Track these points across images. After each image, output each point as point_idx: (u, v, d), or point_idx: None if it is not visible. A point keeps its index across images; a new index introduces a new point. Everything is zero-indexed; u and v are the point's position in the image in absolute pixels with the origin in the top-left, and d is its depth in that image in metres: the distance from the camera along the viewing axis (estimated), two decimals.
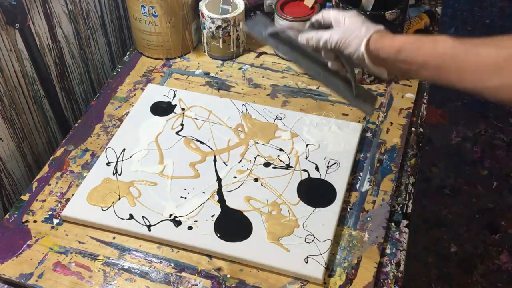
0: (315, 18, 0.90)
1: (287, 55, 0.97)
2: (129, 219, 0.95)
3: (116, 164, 1.04)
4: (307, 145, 1.06)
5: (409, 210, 0.98)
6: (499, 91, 0.70)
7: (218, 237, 0.92)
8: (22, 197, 1.01)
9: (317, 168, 1.02)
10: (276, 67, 1.26)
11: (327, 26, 0.88)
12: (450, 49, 0.74)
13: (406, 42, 0.80)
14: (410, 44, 0.79)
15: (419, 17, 1.33)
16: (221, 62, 1.29)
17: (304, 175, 1.01)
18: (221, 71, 1.26)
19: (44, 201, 1.00)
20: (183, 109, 1.15)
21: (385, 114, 1.14)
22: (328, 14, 0.88)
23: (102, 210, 0.96)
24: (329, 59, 0.90)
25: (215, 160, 1.05)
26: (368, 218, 0.96)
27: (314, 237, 0.91)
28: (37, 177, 1.04)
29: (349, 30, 0.84)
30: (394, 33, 0.84)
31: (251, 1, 1.34)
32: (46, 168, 1.06)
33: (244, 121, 1.12)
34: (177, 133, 1.10)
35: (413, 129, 1.12)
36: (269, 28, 0.96)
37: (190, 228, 0.93)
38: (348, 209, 0.97)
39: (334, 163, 1.03)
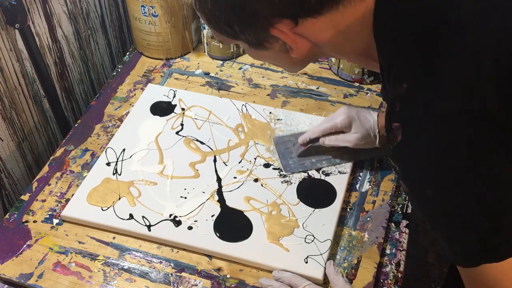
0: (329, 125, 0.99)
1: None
2: (129, 219, 0.95)
3: (116, 164, 1.04)
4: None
5: (409, 210, 0.98)
6: None
7: (218, 237, 0.92)
8: (22, 197, 1.01)
9: (317, 168, 1.02)
10: (276, 67, 1.26)
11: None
12: None
13: None
14: None
15: None
16: (221, 62, 1.29)
17: (304, 175, 1.01)
18: (221, 71, 1.26)
19: (44, 201, 1.00)
20: (183, 109, 1.15)
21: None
22: (341, 116, 0.98)
23: (102, 210, 0.96)
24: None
25: (215, 160, 1.05)
26: (368, 218, 0.96)
27: (314, 237, 0.91)
28: (37, 177, 1.04)
29: (363, 126, 0.96)
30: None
31: None
32: (46, 168, 1.06)
33: (244, 121, 1.12)
34: (177, 133, 1.10)
35: None
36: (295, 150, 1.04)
37: (190, 228, 0.93)
38: (348, 209, 0.97)
39: (334, 163, 1.03)
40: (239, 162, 1.04)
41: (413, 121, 0.59)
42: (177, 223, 0.94)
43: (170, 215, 0.95)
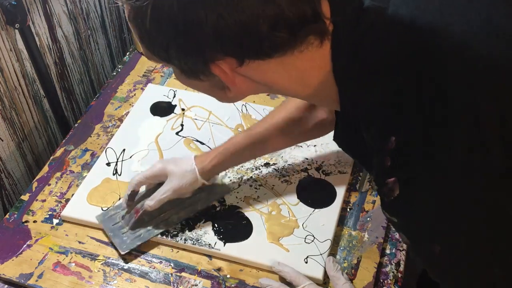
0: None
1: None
2: None
3: (116, 164, 1.04)
4: (307, 145, 1.06)
5: None
6: None
7: (218, 237, 0.92)
8: (22, 197, 1.01)
9: (317, 168, 1.02)
10: None
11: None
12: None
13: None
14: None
15: None
16: None
17: (304, 175, 1.01)
18: None
19: (44, 201, 1.00)
20: (183, 109, 1.15)
21: None
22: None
23: (102, 210, 0.96)
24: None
25: None
26: (368, 218, 0.96)
27: (314, 237, 0.91)
28: (37, 177, 1.04)
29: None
30: None
31: None
32: (46, 168, 1.06)
33: (244, 121, 1.12)
34: (177, 133, 1.10)
35: None
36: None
37: (190, 228, 0.93)
38: (348, 209, 0.97)
39: (334, 163, 1.03)
40: None
41: (412, 176, 0.55)
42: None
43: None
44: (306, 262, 0.88)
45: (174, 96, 1.18)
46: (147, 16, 0.55)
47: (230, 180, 1.01)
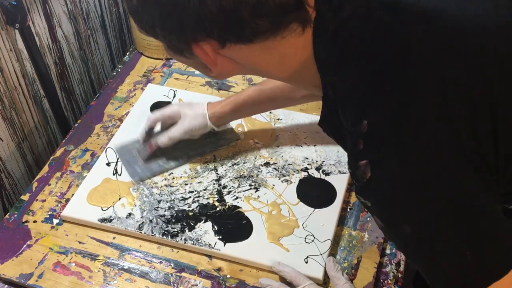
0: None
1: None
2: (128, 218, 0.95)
3: (116, 164, 1.04)
4: (307, 145, 1.06)
5: None
6: None
7: (218, 237, 0.92)
8: (22, 197, 1.01)
9: (317, 168, 1.02)
10: None
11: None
12: None
13: None
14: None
15: None
16: None
17: (304, 175, 1.01)
18: None
19: (44, 201, 1.00)
20: None
21: None
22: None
23: (102, 210, 0.96)
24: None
25: (215, 161, 1.04)
26: (368, 218, 0.96)
27: (314, 237, 0.91)
28: (37, 177, 1.04)
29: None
30: None
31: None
32: (46, 168, 1.06)
33: (244, 121, 1.12)
34: None
35: None
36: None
37: (190, 228, 0.93)
38: (348, 209, 0.97)
39: (334, 163, 1.03)
40: (239, 162, 1.04)
41: (383, 158, 0.57)
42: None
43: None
44: (306, 262, 0.88)
45: (174, 96, 1.18)
46: None
47: (230, 180, 1.01)
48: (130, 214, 0.95)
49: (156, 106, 1.15)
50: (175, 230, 0.93)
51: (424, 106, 0.55)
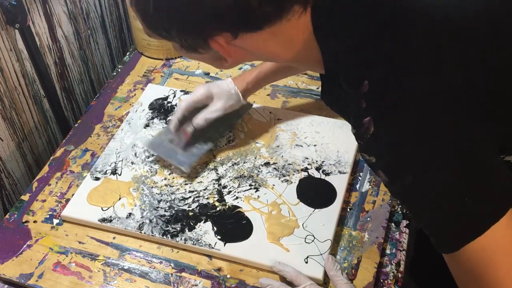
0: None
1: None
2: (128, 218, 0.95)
3: (116, 164, 1.04)
4: (307, 145, 1.06)
5: None
6: None
7: (218, 237, 0.92)
8: (22, 197, 1.01)
9: (317, 168, 1.02)
10: None
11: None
12: None
13: None
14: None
15: None
16: None
17: (304, 175, 1.01)
18: (221, 71, 1.26)
19: (44, 201, 1.00)
20: None
21: None
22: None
23: (102, 210, 0.96)
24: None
25: (215, 160, 1.05)
26: (368, 218, 0.96)
27: (314, 237, 0.91)
28: (37, 177, 1.04)
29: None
30: None
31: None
32: (46, 168, 1.06)
33: (244, 121, 1.12)
34: None
35: None
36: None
37: (190, 228, 0.93)
38: (348, 209, 0.97)
39: (334, 163, 1.03)
40: (239, 162, 1.04)
41: (384, 111, 0.60)
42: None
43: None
44: (306, 262, 0.88)
45: (174, 96, 1.18)
46: (149, 2, 0.61)
47: (230, 179, 1.01)
48: (130, 214, 0.95)
49: (152, 105, 1.15)
50: (175, 230, 0.93)
51: (420, 59, 0.59)
